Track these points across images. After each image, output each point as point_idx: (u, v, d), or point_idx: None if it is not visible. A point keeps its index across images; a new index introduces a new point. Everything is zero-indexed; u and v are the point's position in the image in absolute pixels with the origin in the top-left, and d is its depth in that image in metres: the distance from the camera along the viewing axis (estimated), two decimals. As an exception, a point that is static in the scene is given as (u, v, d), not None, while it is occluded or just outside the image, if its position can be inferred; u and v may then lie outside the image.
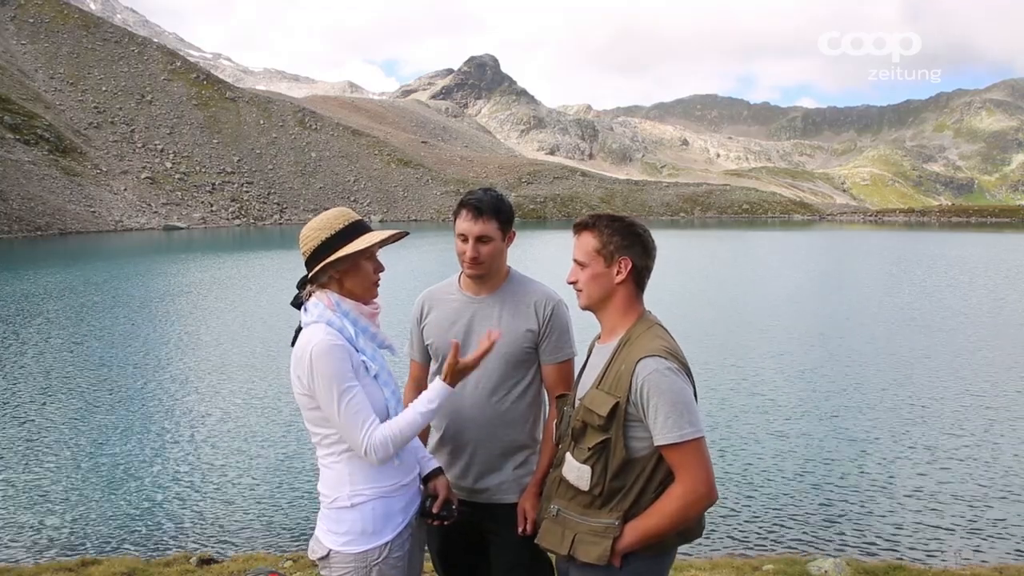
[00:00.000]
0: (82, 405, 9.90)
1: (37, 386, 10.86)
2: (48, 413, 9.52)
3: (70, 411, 9.63)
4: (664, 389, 2.00)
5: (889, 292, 21.97)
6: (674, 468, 2.03)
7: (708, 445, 2.07)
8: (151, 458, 7.91)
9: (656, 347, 2.07)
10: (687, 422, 1.99)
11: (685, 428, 1.98)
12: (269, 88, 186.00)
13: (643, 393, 2.02)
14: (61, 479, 7.33)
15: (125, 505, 6.72)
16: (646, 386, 2.01)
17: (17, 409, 9.66)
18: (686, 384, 2.05)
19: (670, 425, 1.98)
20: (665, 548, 2.16)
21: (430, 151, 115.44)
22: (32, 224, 51.89)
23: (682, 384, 2.03)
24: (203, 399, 10.19)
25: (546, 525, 2.24)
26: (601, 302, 2.23)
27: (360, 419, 2.12)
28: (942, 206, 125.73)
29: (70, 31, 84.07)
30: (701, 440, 2.01)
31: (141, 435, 8.64)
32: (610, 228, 2.19)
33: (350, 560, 2.18)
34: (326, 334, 2.14)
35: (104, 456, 7.97)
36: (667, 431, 1.99)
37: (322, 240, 2.20)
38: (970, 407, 9.65)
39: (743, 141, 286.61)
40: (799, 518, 6.39)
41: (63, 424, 9.07)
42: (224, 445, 8.28)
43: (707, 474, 2.01)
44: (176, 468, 7.63)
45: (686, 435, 1.98)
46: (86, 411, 9.63)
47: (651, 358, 2.04)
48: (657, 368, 2.02)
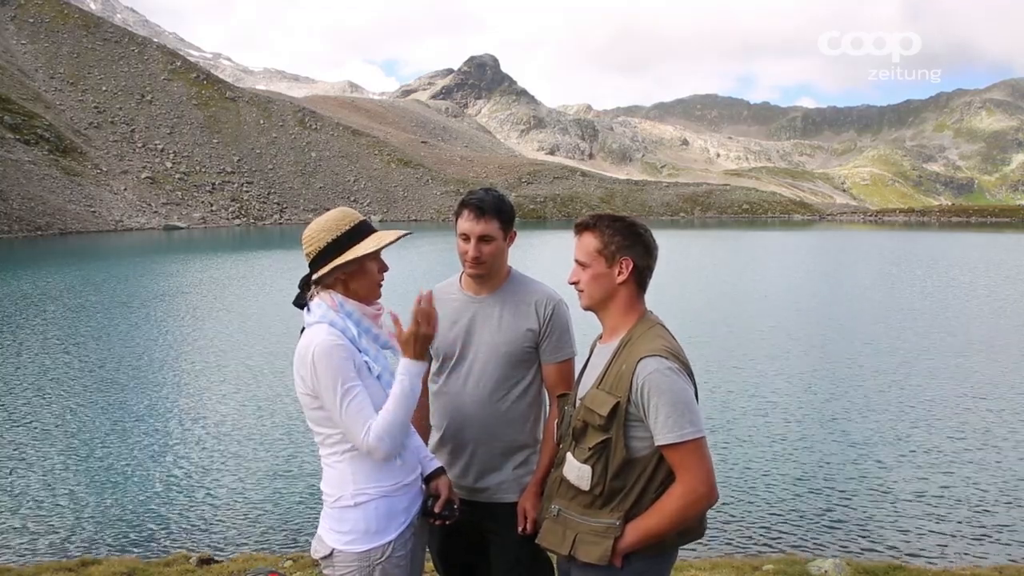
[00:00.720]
0: (82, 405, 9.90)
1: (37, 386, 10.86)
2: (48, 413, 9.52)
3: (70, 411, 9.63)
4: (665, 389, 2.00)
5: (889, 292, 21.97)
6: (675, 468, 2.03)
7: (710, 446, 2.07)
8: (151, 458, 7.91)
9: (657, 347, 2.08)
10: (688, 422, 1.99)
11: (685, 428, 1.98)
12: (269, 88, 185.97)
13: (644, 393, 2.02)
14: (61, 479, 7.33)
15: (125, 505, 6.72)
16: (647, 386, 2.01)
17: (17, 409, 9.66)
18: (687, 384, 2.05)
19: (670, 425, 1.98)
20: (666, 548, 2.16)
21: (430, 151, 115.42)
22: (32, 224, 51.89)
23: (683, 384, 2.03)
24: (203, 399, 10.19)
25: (547, 525, 2.24)
26: (603, 302, 2.23)
27: (362, 419, 2.12)
28: (942, 206, 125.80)
29: (70, 31, 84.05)
30: (702, 440, 2.01)
31: (141, 435, 8.65)
32: (611, 228, 2.19)
33: (353, 559, 2.19)
34: (328, 334, 2.14)
35: (104, 456, 7.97)
36: (667, 431, 1.99)
37: (328, 242, 2.20)
38: (970, 408, 9.65)
39: (743, 141, 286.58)
40: (799, 518, 6.39)
41: (63, 424, 9.07)
42: (224, 445, 8.29)
43: (708, 474, 2.01)
44: (176, 468, 7.63)
45: (686, 435, 1.98)
46: (86, 411, 9.63)
47: (652, 358, 2.04)
48: (658, 368, 2.02)
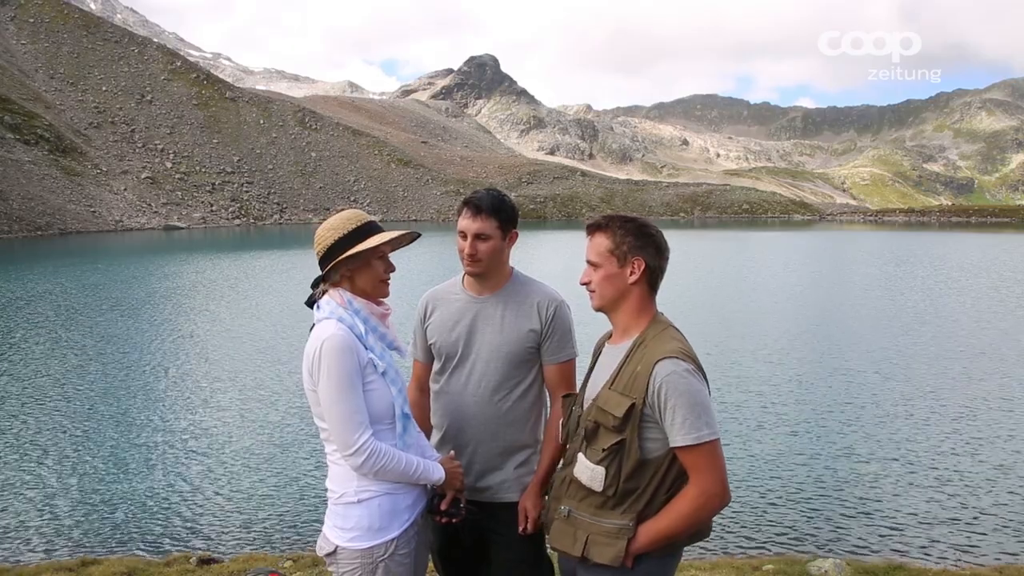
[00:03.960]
0: (81, 405, 9.90)
1: (36, 386, 10.86)
2: (48, 413, 9.52)
3: (70, 411, 9.63)
4: (683, 391, 2.00)
5: (889, 292, 21.97)
6: (689, 469, 2.03)
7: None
8: (151, 458, 7.91)
9: (673, 348, 2.08)
10: (704, 424, 1.99)
11: (703, 430, 1.99)
12: (269, 88, 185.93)
13: (661, 395, 2.02)
14: (61, 479, 7.33)
15: (125, 505, 6.72)
16: (664, 387, 2.01)
17: (17, 409, 9.66)
18: (703, 386, 2.06)
19: (688, 427, 1.99)
20: (674, 548, 2.17)
21: (430, 151, 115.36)
22: (32, 224, 51.88)
23: (699, 386, 2.04)
24: (203, 399, 10.19)
25: (557, 526, 2.24)
26: (614, 303, 2.23)
27: (356, 421, 2.13)
28: (942, 206, 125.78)
29: (70, 31, 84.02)
30: (717, 442, 2.02)
31: (141, 435, 8.65)
32: (623, 229, 2.19)
33: (356, 556, 2.20)
34: (337, 329, 2.18)
35: (104, 456, 7.97)
36: (684, 432, 1.99)
37: (336, 239, 2.26)
38: (971, 407, 9.65)
39: (743, 141, 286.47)
40: (799, 518, 6.39)
41: (63, 424, 9.07)
42: (224, 445, 8.29)
43: (721, 475, 2.02)
44: (176, 468, 7.63)
45: (703, 437, 1.99)
46: (86, 411, 9.63)
47: (669, 359, 2.04)
48: (675, 370, 2.02)
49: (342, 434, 2.14)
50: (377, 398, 2.21)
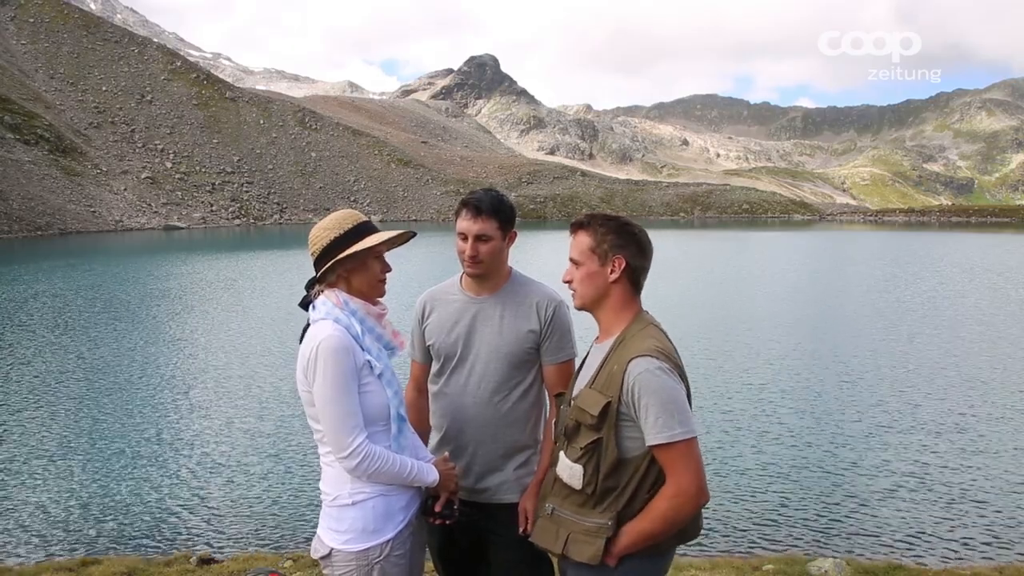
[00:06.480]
0: (81, 405, 9.90)
1: (36, 386, 10.85)
2: (48, 413, 9.52)
3: (69, 411, 9.63)
4: (655, 389, 2.00)
5: (889, 292, 21.96)
6: (665, 468, 2.02)
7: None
8: (151, 458, 7.91)
9: (648, 347, 2.07)
10: (677, 423, 1.98)
11: (675, 429, 1.98)
12: (269, 88, 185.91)
13: (634, 393, 2.01)
14: (61, 479, 7.33)
15: (125, 505, 6.72)
16: (637, 386, 2.01)
17: (17, 409, 9.66)
18: (677, 384, 2.04)
19: (660, 425, 1.98)
20: (661, 549, 2.15)
21: (430, 151, 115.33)
22: (32, 224, 51.87)
23: (673, 384, 2.03)
24: (203, 399, 10.19)
25: (540, 523, 2.25)
26: (595, 301, 2.23)
27: (351, 423, 2.12)
28: (942, 206, 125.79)
29: (70, 31, 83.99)
30: (692, 441, 2.00)
31: (141, 435, 8.64)
32: (604, 227, 2.19)
33: (351, 558, 2.19)
34: (334, 330, 2.16)
35: (104, 456, 7.97)
36: (657, 431, 1.98)
37: (331, 239, 2.24)
38: (971, 407, 9.65)
39: (743, 141, 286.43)
40: (799, 518, 6.39)
41: (63, 424, 9.07)
42: (224, 445, 8.29)
43: (697, 475, 2.00)
44: (176, 468, 7.63)
45: (676, 436, 1.97)
46: (85, 411, 9.63)
47: (642, 358, 2.04)
48: (648, 368, 2.01)
49: (336, 436, 2.12)
50: (373, 400, 2.20)
